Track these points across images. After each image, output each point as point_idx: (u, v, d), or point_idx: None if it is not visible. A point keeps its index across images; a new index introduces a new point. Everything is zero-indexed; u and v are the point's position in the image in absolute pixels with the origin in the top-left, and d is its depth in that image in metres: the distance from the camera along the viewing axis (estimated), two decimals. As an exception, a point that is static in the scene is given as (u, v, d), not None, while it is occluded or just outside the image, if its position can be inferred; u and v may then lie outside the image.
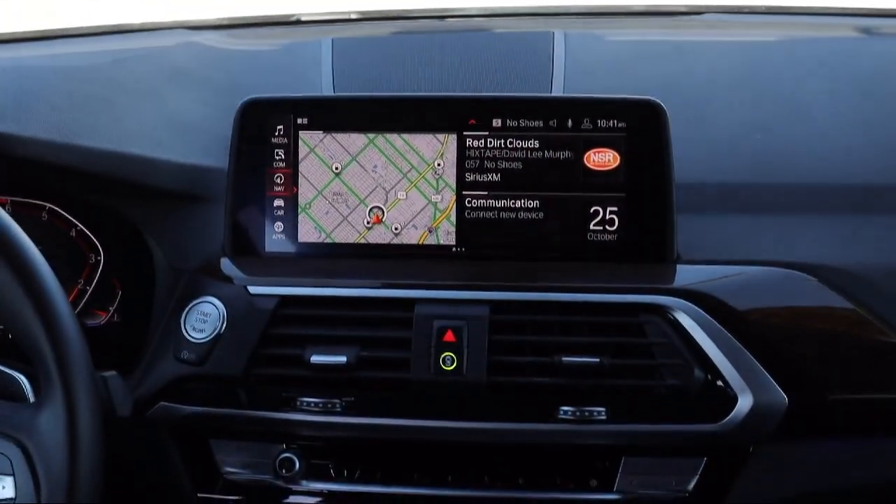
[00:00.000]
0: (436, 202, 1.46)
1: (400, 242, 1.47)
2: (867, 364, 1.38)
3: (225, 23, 1.97)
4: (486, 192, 1.45)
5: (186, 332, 1.41)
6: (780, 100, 1.60)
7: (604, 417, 1.35)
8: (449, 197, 1.46)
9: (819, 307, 1.40)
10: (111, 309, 1.54)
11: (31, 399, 1.29)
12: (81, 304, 1.53)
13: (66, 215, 1.54)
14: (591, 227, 1.44)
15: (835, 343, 1.38)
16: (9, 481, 1.16)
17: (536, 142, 1.45)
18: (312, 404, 1.38)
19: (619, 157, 1.44)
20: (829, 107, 1.57)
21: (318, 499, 1.44)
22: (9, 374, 1.32)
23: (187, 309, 1.42)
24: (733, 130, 1.54)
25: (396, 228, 1.47)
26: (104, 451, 1.20)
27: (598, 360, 1.34)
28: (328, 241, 1.48)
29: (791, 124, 1.55)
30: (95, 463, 1.19)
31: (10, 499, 1.16)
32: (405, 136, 1.46)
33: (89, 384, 1.20)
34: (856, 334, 1.39)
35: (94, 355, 1.21)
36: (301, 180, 1.48)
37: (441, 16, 2.02)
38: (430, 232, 1.47)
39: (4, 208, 1.40)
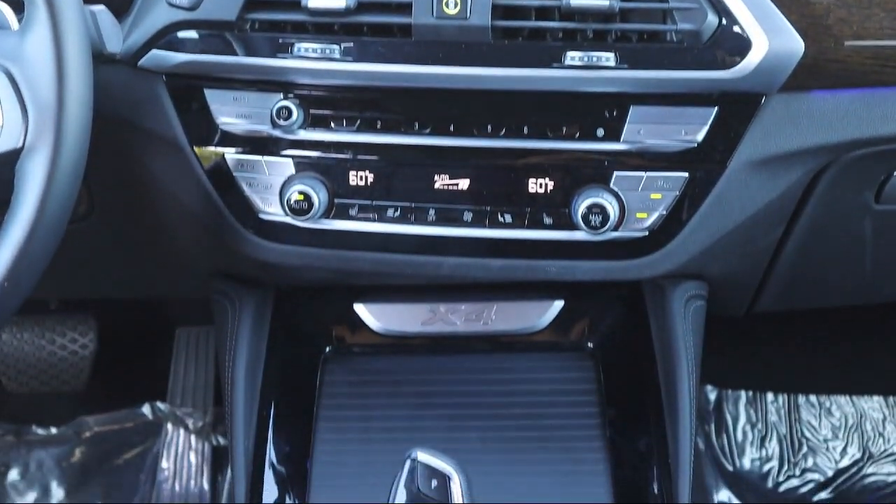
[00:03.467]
0: None
1: None
2: (887, 10, 1.32)
3: None
4: None
5: None
6: None
7: (612, 64, 1.31)
8: None
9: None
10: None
11: (15, 27, 1.24)
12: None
13: None
14: None
15: None
16: (-5, 108, 1.13)
17: None
18: (310, 50, 1.33)
19: None
20: None
21: (317, 152, 1.41)
22: (-14, 2, 1.27)
23: None
24: None
25: None
26: (92, 83, 1.17)
27: (607, 2, 1.28)
28: None
29: None
30: (83, 92, 1.15)
31: None
32: None
33: (76, 11, 1.15)
34: None
35: None
36: None
37: None
38: None
39: None
